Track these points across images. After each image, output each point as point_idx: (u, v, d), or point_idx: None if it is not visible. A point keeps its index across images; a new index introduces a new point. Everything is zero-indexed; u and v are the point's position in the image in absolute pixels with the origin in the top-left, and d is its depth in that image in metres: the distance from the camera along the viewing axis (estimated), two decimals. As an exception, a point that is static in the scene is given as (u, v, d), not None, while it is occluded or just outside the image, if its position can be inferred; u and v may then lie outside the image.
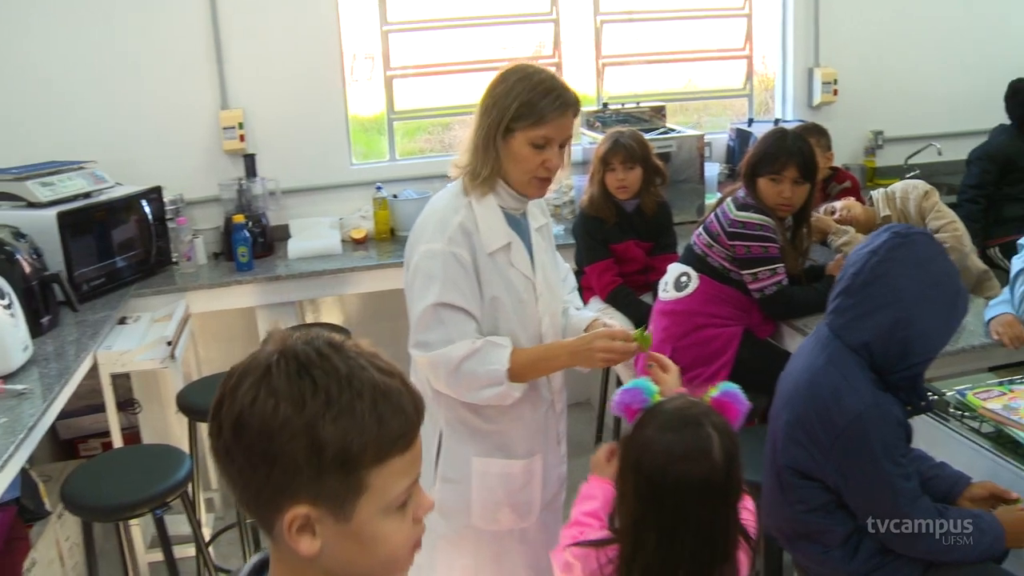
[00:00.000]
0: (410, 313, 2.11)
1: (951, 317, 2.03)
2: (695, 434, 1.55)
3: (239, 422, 0.98)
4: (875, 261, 2.02)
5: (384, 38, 4.31)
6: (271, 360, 1.00)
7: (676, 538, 1.53)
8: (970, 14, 5.01)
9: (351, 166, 4.33)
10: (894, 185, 3.50)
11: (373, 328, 4.39)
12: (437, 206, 2.15)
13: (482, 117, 2.07)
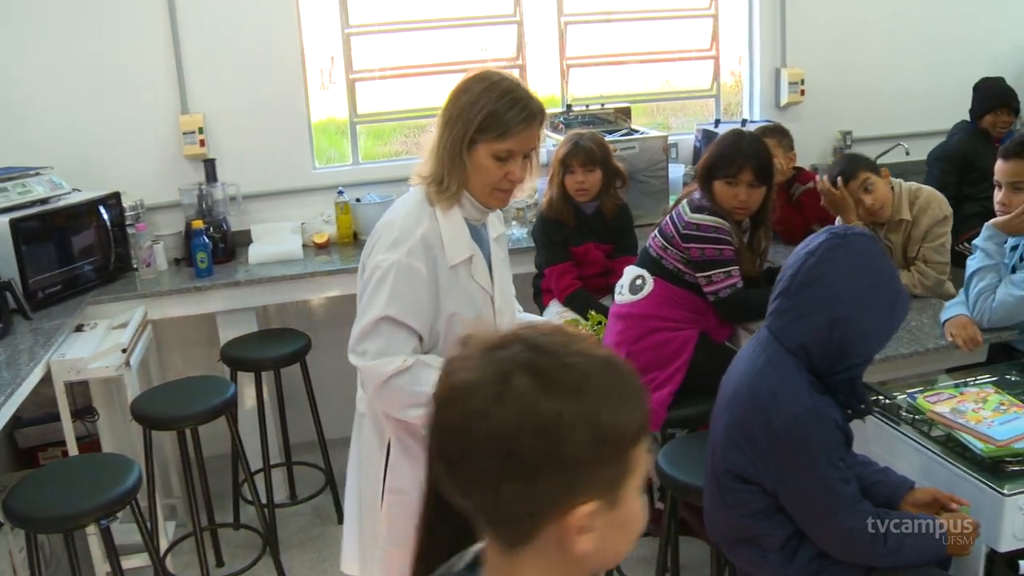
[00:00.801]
0: (357, 319, 2.08)
1: (889, 319, 2.02)
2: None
3: (505, 434, 0.91)
4: (812, 262, 2.01)
5: (346, 41, 4.29)
6: (514, 363, 0.94)
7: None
8: (936, 14, 5.00)
9: (314, 170, 4.30)
10: (923, 188, 3.33)
11: (337, 333, 4.27)
12: (399, 214, 2.10)
13: (446, 128, 2.04)
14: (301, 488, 4.00)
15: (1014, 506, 2.13)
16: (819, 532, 1.98)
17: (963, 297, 2.95)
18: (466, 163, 2.03)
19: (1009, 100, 4.46)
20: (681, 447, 2.75)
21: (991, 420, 2.30)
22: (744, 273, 3.07)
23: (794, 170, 4.04)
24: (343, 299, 4.05)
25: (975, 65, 4.78)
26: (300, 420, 3.97)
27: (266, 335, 3.82)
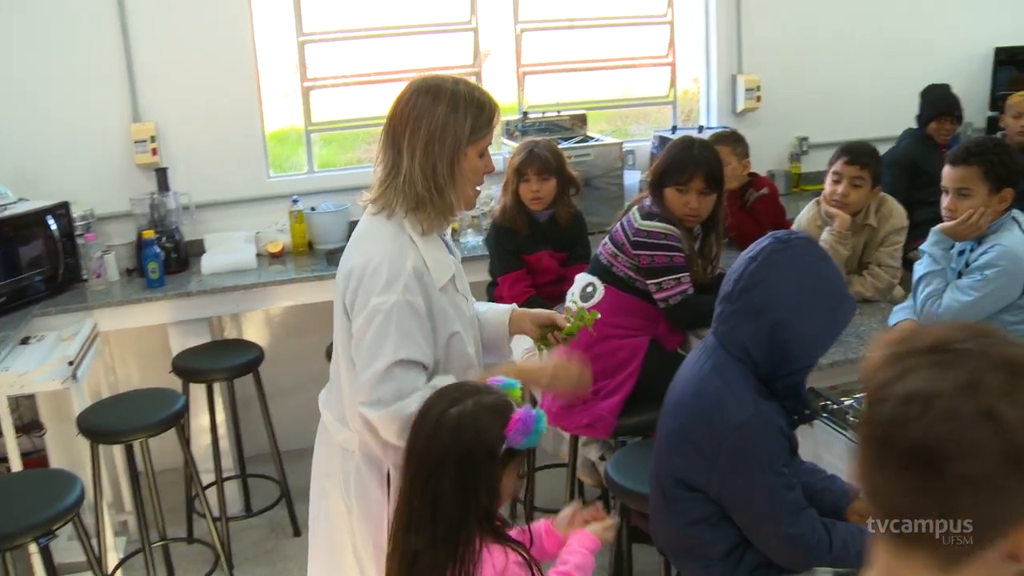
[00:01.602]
0: (358, 368, 1.96)
1: (832, 323, 2.01)
2: (435, 409, 1.75)
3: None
4: (754, 267, 2.01)
5: (300, 49, 4.26)
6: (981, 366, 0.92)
7: (414, 496, 1.72)
8: (888, 23, 5.07)
9: (268, 179, 4.26)
10: (886, 197, 3.39)
11: (291, 343, 4.33)
12: (380, 252, 1.95)
13: (426, 148, 1.93)
14: (256, 501, 3.95)
15: (958, 509, 2.13)
16: (764, 540, 1.98)
17: (911, 302, 2.97)
18: (447, 180, 1.96)
19: (952, 108, 4.50)
20: (630, 455, 2.74)
21: (935, 424, 2.31)
22: (695, 280, 3.07)
23: (748, 176, 4.06)
24: (297, 309, 4.02)
25: (927, 71, 4.84)
26: (254, 432, 3.94)
27: (219, 346, 3.78)
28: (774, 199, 4.08)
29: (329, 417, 2.21)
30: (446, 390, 1.80)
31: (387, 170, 1.99)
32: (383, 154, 2.01)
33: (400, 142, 1.95)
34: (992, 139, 3.25)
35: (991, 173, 2.82)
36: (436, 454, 1.71)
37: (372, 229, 2.03)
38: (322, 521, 2.26)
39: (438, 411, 1.74)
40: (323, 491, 2.25)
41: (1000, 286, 2.80)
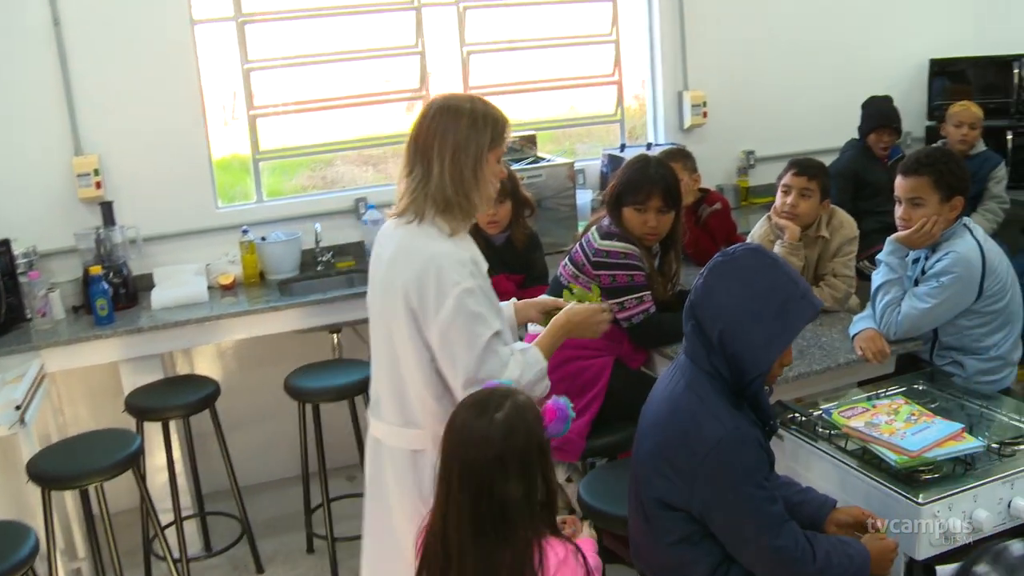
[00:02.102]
0: (457, 353, 2.10)
1: (782, 328, 2.00)
2: (481, 419, 1.79)
3: None
4: (700, 283, 2.06)
5: (246, 76, 4.19)
6: None
7: (466, 501, 1.75)
8: (828, 37, 5.18)
9: (217, 209, 4.18)
10: (837, 209, 3.46)
11: (247, 376, 4.24)
12: (437, 248, 2.14)
13: (452, 156, 2.13)
14: (216, 539, 3.86)
15: (929, 514, 2.15)
16: (748, 554, 1.97)
17: (870, 311, 3.01)
18: (474, 184, 2.16)
19: (889, 121, 4.59)
20: (602, 477, 2.73)
21: (904, 431, 2.33)
22: (656, 297, 3.08)
23: (700, 192, 4.09)
24: (253, 341, 3.94)
25: (866, 84, 4.95)
26: (211, 468, 3.84)
27: (173, 382, 3.68)
28: (727, 214, 4.12)
29: (388, 429, 2.27)
30: (480, 398, 1.87)
31: (417, 180, 2.17)
32: (410, 167, 2.19)
33: (429, 154, 2.15)
34: (941, 149, 3.32)
35: (942, 182, 2.88)
36: (495, 461, 1.76)
37: (414, 235, 2.18)
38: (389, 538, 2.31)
39: (485, 420, 1.79)
40: (388, 509, 2.30)
41: (956, 292, 2.85)
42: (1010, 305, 2.94)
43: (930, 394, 2.69)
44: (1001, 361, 2.96)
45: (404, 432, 2.24)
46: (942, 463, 2.27)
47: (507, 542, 1.75)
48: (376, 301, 2.27)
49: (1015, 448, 2.36)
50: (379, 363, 2.29)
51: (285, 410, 3.77)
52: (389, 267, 2.20)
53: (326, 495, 3.51)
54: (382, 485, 2.31)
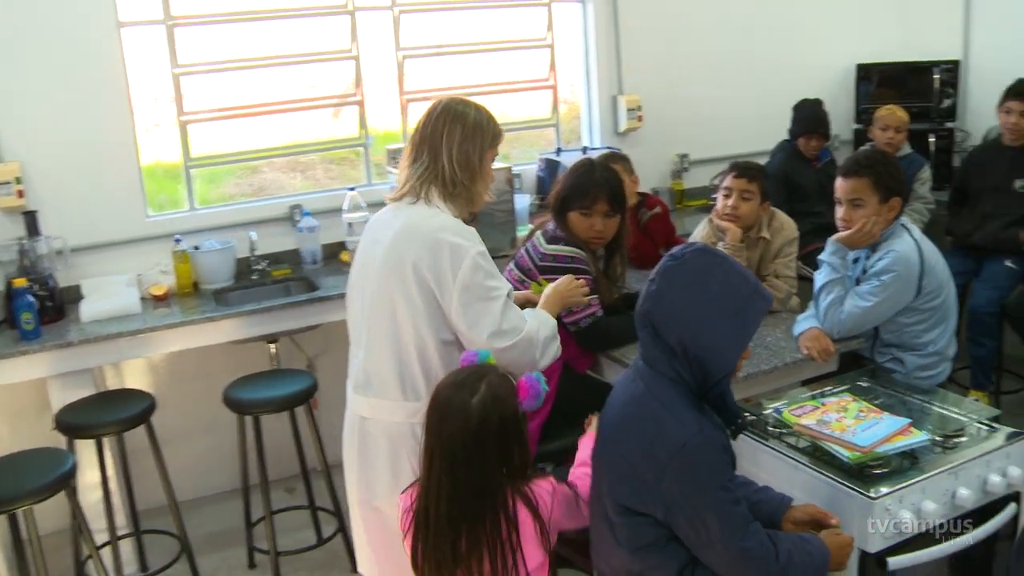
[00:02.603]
0: (479, 310, 2.27)
1: (741, 325, 2.01)
2: (463, 387, 1.97)
3: None
4: (653, 289, 2.03)
5: (176, 81, 4.08)
6: None
7: (446, 475, 1.93)
8: (759, 44, 5.28)
9: (147, 218, 4.05)
10: (777, 211, 3.52)
11: (183, 389, 4.12)
12: (447, 221, 2.32)
13: (461, 143, 2.33)
14: (153, 558, 3.73)
15: (881, 508, 2.20)
16: (714, 556, 1.97)
17: (813, 311, 3.06)
18: (478, 171, 2.37)
19: (818, 127, 4.70)
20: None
21: (854, 428, 2.37)
22: (603, 301, 3.08)
23: (639, 195, 4.11)
24: (187, 353, 3.82)
25: (796, 88, 5.03)
26: (147, 485, 3.72)
27: (106, 398, 3.54)
28: (666, 217, 4.15)
29: (386, 404, 2.36)
30: (456, 379, 2.03)
31: (425, 166, 2.34)
32: (415, 155, 2.37)
33: (437, 142, 2.33)
34: (878, 151, 3.41)
35: (880, 183, 2.95)
36: (473, 439, 1.93)
37: (420, 213, 2.33)
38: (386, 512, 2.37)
39: (460, 402, 1.96)
40: (384, 484, 2.37)
41: (896, 290, 2.92)
42: (946, 302, 3.03)
43: (873, 390, 2.74)
44: (938, 356, 3.04)
45: (406, 406, 2.34)
46: (891, 458, 2.32)
47: (488, 510, 1.94)
48: (373, 282, 2.36)
49: (957, 441, 2.43)
50: (375, 341, 2.36)
51: (223, 423, 3.67)
52: (393, 246, 2.31)
53: (268, 508, 3.43)
54: (374, 462, 2.39)
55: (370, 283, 2.38)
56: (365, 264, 2.43)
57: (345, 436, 2.50)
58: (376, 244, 2.38)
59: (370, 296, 2.38)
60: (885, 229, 2.98)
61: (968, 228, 4.46)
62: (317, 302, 3.79)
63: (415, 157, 2.37)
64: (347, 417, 2.50)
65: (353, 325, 2.49)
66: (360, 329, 2.43)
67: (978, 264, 4.37)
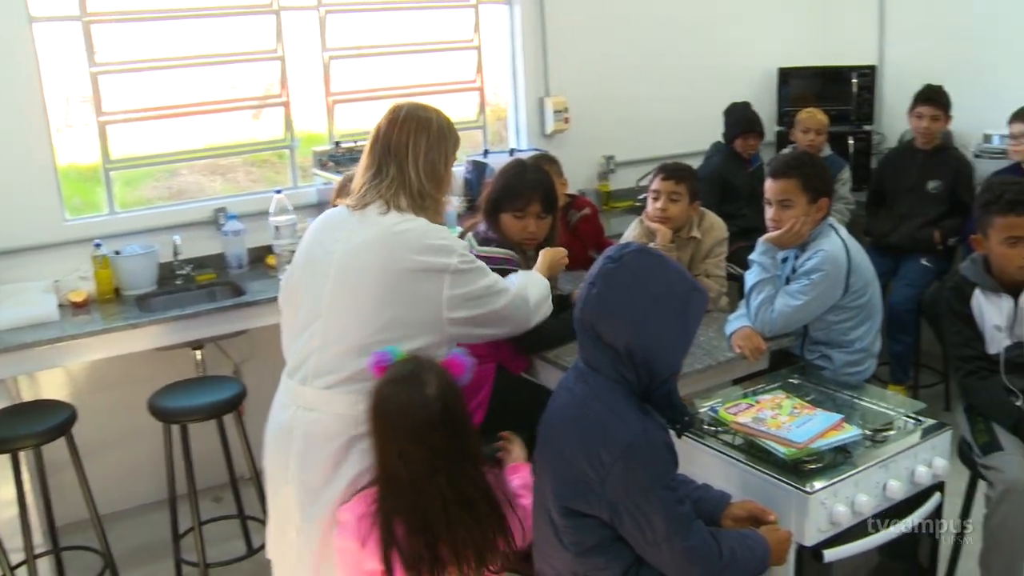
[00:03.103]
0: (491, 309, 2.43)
1: (685, 323, 2.03)
2: (413, 381, 2.02)
3: None
4: (594, 293, 2.02)
5: (94, 80, 3.94)
6: None
7: (429, 472, 1.97)
8: (683, 47, 5.36)
9: (64, 222, 3.90)
10: (707, 212, 3.57)
11: (105, 399, 3.98)
12: (425, 225, 2.33)
13: (427, 152, 2.33)
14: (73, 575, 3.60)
15: (817, 502, 2.24)
16: (659, 556, 1.98)
17: (744, 310, 3.11)
18: (444, 180, 2.40)
19: (754, 126, 4.82)
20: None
21: (789, 425, 2.42)
22: None
23: (568, 197, 4.13)
24: (108, 362, 3.70)
25: (720, 91, 5.14)
26: (67, 499, 3.59)
27: (22, 410, 3.39)
28: (595, 218, 4.18)
29: (337, 396, 2.29)
30: (397, 378, 2.06)
31: (392, 177, 2.33)
32: (378, 165, 2.35)
33: (403, 152, 2.33)
34: (807, 153, 3.49)
35: (809, 184, 3.01)
36: (444, 428, 1.99)
37: (395, 221, 2.30)
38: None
39: (418, 398, 2.00)
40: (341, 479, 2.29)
41: (825, 288, 2.99)
42: (871, 300, 3.11)
43: (804, 387, 2.80)
44: (864, 353, 3.12)
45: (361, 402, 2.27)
46: (824, 453, 2.37)
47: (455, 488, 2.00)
48: (337, 282, 2.32)
49: (886, 434, 2.49)
50: (336, 338, 2.31)
51: (147, 432, 3.57)
52: (364, 252, 2.29)
53: (197, 519, 3.33)
54: (315, 462, 2.30)
55: (330, 282, 2.32)
56: (319, 262, 2.36)
57: (275, 442, 2.39)
58: (334, 245, 2.34)
59: (329, 295, 2.32)
60: (813, 229, 3.05)
61: (886, 228, 4.61)
62: (244, 307, 3.71)
63: (378, 168, 2.35)
64: (282, 419, 2.37)
65: (300, 325, 2.39)
66: (311, 329, 2.34)
67: (896, 263, 4.51)
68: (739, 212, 4.52)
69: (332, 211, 2.48)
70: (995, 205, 2.73)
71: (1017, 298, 2.79)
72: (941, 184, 4.52)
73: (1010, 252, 2.73)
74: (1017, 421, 2.72)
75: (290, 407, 2.35)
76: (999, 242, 2.74)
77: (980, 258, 2.87)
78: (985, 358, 2.84)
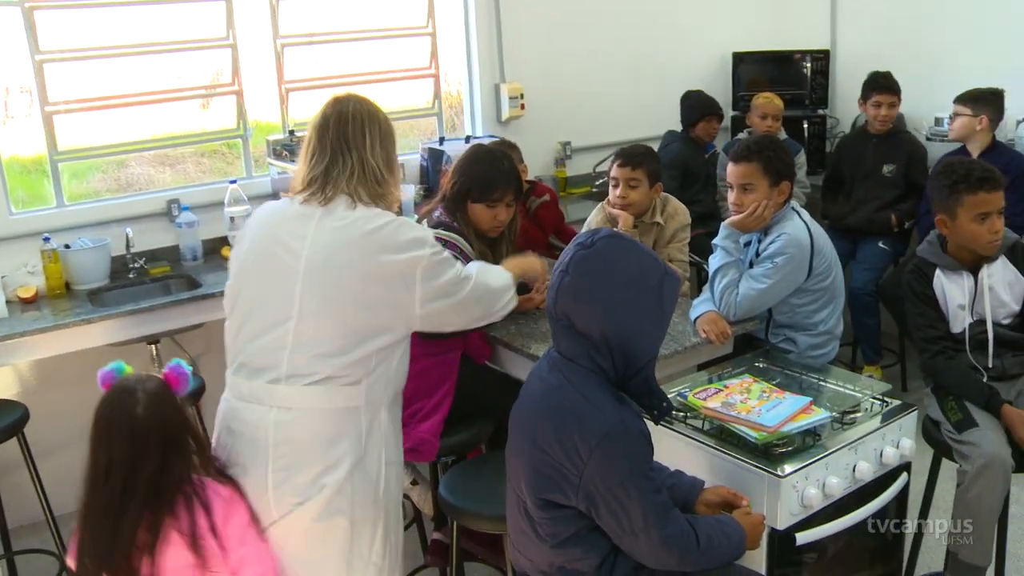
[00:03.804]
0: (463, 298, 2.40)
1: (660, 309, 2.00)
2: (125, 398, 2.01)
3: None
4: (567, 281, 1.99)
5: (39, 69, 3.82)
6: None
7: (129, 484, 1.97)
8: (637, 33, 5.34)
9: (10, 216, 3.78)
10: (670, 197, 3.57)
11: (58, 397, 3.86)
12: (392, 217, 2.30)
13: (384, 140, 2.33)
14: (27, 579, 3.51)
15: (789, 486, 2.25)
16: (636, 546, 1.96)
17: (708, 294, 3.11)
18: (396, 169, 2.38)
19: (715, 108, 4.86)
20: (462, 476, 2.68)
21: (759, 409, 2.42)
22: None
23: (528, 183, 4.10)
24: (61, 359, 3.60)
25: (675, 77, 5.18)
26: (19, 501, 3.49)
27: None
28: (555, 205, 4.17)
29: (315, 394, 2.23)
30: (113, 396, 2.05)
31: (351, 167, 2.28)
32: (334, 154, 2.28)
33: (359, 142, 2.29)
34: (768, 137, 3.50)
35: (770, 168, 3.02)
36: (142, 443, 1.97)
37: (358, 215, 2.26)
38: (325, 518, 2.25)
39: (126, 416, 1.99)
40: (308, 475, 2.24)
41: (789, 271, 3.00)
42: (834, 282, 3.13)
43: (770, 371, 2.80)
44: (828, 335, 3.15)
45: (340, 392, 2.25)
46: (795, 436, 2.38)
47: (152, 498, 1.98)
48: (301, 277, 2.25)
49: (853, 416, 2.51)
50: (319, 336, 2.24)
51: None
52: (334, 248, 2.23)
53: (157, 518, 3.26)
54: (294, 461, 2.24)
55: (300, 282, 2.24)
56: (282, 259, 2.27)
57: (243, 444, 2.28)
58: (303, 241, 2.25)
59: (301, 295, 2.24)
60: (776, 212, 3.06)
61: (843, 211, 4.67)
62: (200, 300, 3.64)
63: (334, 158, 2.29)
64: (248, 419, 2.28)
65: (261, 325, 2.30)
66: (282, 330, 2.25)
67: (854, 246, 4.57)
68: (696, 198, 4.54)
69: (279, 204, 2.39)
70: (964, 183, 2.75)
71: (976, 275, 2.83)
72: (895, 168, 4.58)
73: (979, 228, 2.74)
74: (988, 398, 2.76)
75: (258, 407, 2.27)
76: (970, 219, 2.75)
77: (936, 239, 2.91)
78: (950, 337, 2.87)
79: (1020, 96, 4.42)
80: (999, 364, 2.86)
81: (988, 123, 4.16)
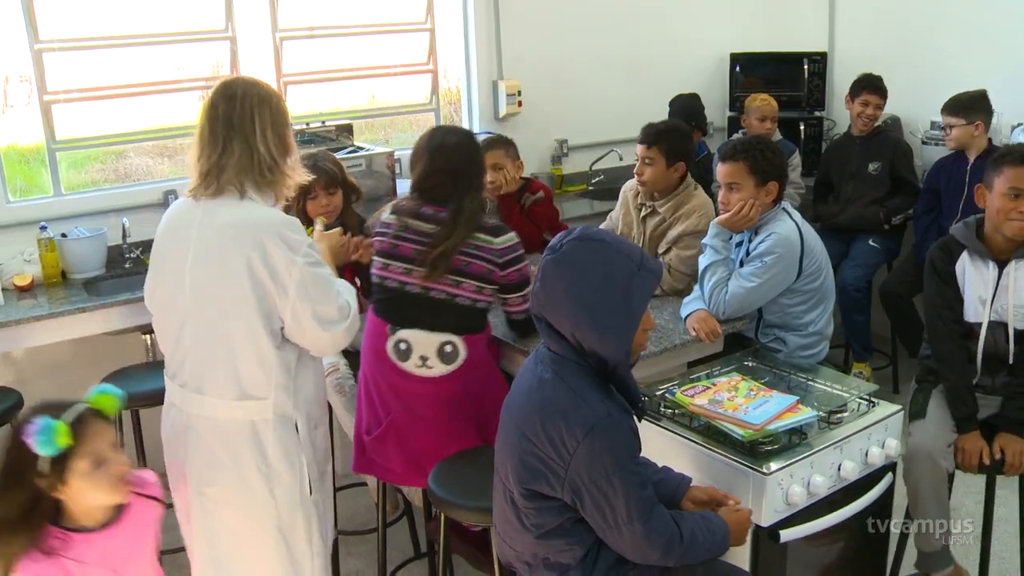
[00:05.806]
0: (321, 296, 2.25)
1: (626, 310, 1.99)
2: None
3: None
4: (539, 287, 2.03)
5: (38, 58, 3.83)
6: None
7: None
8: (635, 33, 5.36)
9: (8, 204, 3.80)
10: (699, 197, 3.52)
11: (54, 385, 3.84)
12: (274, 216, 2.24)
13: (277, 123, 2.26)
14: (21, 564, 3.52)
15: (774, 483, 2.28)
16: (619, 538, 1.99)
17: (699, 293, 3.13)
18: (293, 151, 2.32)
19: (691, 120, 4.76)
20: (449, 469, 2.69)
21: (746, 407, 2.44)
22: None
23: (523, 180, 4.11)
24: (56, 347, 3.62)
25: (673, 76, 5.19)
26: (14, 488, 3.50)
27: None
28: (550, 202, 4.16)
29: (223, 403, 2.24)
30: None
31: (238, 156, 2.19)
32: (224, 144, 2.20)
33: (248, 127, 2.20)
34: (758, 137, 3.51)
35: (757, 168, 3.04)
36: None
37: (241, 209, 2.20)
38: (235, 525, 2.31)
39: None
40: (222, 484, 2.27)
41: (779, 271, 3.02)
42: (825, 283, 3.15)
43: (759, 370, 2.83)
44: (818, 336, 3.17)
45: (243, 404, 2.24)
46: (781, 435, 2.40)
47: None
48: (193, 280, 2.22)
49: (840, 416, 2.53)
50: (203, 341, 2.23)
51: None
52: (219, 246, 2.19)
53: (153, 505, 3.29)
54: (209, 459, 2.27)
55: (187, 280, 2.22)
56: (175, 259, 2.25)
57: (167, 445, 2.36)
58: (186, 242, 2.23)
59: (190, 295, 2.22)
60: (766, 212, 3.08)
61: (833, 211, 4.72)
62: (195, 291, 3.65)
63: (222, 147, 2.20)
64: (172, 420, 2.33)
65: (167, 323, 2.31)
66: (178, 328, 2.26)
67: (846, 246, 4.60)
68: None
69: (179, 203, 2.34)
70: (1010, 156, 2.76)
71: (1002, 269, 2.80)
72: (880, 165, 4.65)
73: (1009, 204, 2.73)
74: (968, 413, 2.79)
75: (176, 410, 2.31)
76: (1002, 192, 2.74)
77: (973, 222, 2.89)
78: (961, 323, 2.86)
79: (1016, 100, 4.45)
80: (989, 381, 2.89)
81: (983, 127, 4.19)
